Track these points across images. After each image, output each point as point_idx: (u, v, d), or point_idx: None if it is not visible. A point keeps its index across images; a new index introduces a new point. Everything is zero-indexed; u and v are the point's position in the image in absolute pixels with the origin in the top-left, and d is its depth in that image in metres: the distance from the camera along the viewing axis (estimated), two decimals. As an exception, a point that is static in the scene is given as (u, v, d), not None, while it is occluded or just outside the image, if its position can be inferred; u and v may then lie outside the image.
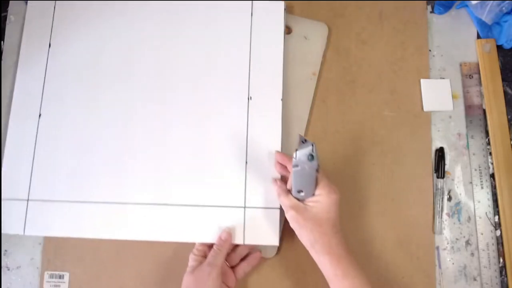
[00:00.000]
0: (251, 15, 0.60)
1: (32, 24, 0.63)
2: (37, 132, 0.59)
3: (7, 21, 0.65)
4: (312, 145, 0.48)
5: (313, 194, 0.50)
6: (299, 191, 0.50)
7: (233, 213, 0.55)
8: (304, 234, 0.49)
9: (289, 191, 0.52)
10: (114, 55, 0.61)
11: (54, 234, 0.57)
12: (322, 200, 0.49)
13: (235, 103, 0.58)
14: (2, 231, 0.57)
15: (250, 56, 0.59)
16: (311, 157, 0.48)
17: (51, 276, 0.58)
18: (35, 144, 0.59)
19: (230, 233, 0.54)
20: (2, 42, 0.64)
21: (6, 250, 0.60)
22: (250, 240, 0.54)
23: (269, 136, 0.57)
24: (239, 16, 0.60)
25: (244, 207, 0.55)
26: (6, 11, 0.65)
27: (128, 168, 0.57)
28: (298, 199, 0.51)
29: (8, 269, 0.60)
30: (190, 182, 0.56)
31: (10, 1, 0.65)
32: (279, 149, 0.56)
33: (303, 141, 0.49)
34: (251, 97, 0.58)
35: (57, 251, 0.59)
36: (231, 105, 0.58)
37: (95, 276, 0.58)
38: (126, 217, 0.56)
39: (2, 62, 0.63)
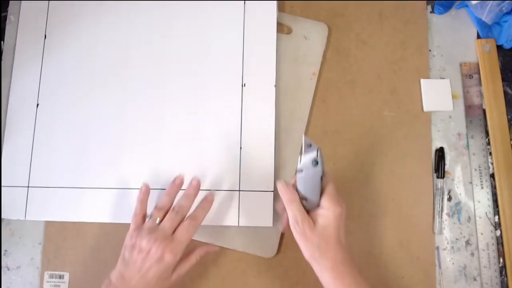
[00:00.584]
0: (245, 3, 0.61)
1: (28, 17, 0.63)
2: (35, 122, 0.60)
3: (7, 21, 0.65)
4: (318, 150, 0.47)
5: (318, 205, 0.48)
6: (303, 199, 0.48)
7: (228, 196, 0.56)
8: (308, 248, 0.47)
9: None
10: (111, 44, 0.62)
11: (54, 219, 0.59)
12: (328, 214, 0.47)
13: (229, 90, 0.59)
14: (5, 216, 0.59)
15: (243, 43, 0.60)
16: (315, 162, 0.47)
17: (51, 276, 0.58)
18: (34, 133, 0.60)
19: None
20: (2, 42, 0.64)
21: (6, 250, 0.60)
22: (245, 222, 0.56)
23: (262, 122, 0.58)
24: (233, 4, 0.61)
25: (239, 191, 0.57)
26: (6, 11, 0.65)
27: (125, 154, 0.59)
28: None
29: (8, 269, 0.59)
30: (186, 167, 0.57)
31: (10, 1, 0.65)
32: (272, 133, 0.57)
33: (309, 146, 0.48)
34: (245, 84, 0.59)
35: (57, 251, 0.59)
36: (226, 92, 0.59)
37: (95, 276, 0.58)
38: (124, 202, 0.57)
39: (2, 62, 0.63)
